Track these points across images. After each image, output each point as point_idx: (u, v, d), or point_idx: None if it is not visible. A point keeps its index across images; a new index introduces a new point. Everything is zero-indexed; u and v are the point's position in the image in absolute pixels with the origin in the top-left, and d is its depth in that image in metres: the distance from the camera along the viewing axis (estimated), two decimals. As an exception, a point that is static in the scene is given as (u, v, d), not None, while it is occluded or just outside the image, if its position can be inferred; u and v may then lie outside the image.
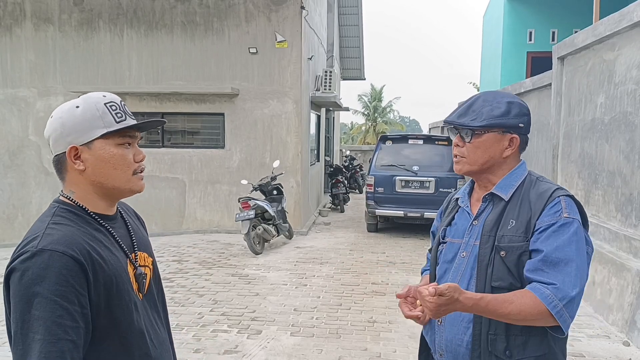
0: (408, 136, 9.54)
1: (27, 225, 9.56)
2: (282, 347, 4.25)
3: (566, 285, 1.33)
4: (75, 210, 1.26)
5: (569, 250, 1.37)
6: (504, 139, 1.52)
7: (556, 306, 1.32)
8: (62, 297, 1.10)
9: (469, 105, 1.56)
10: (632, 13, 4.96)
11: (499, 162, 1.54)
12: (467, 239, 1.56)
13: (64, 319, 1.09)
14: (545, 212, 1.44)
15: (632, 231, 4.98)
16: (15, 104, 9.54)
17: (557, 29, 12.74)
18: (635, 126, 4.97)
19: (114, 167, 1.26)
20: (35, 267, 1.10)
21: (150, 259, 1.44)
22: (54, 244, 1.13)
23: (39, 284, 1.09)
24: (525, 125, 1.54)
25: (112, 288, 1.21)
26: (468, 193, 1.66)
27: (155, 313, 1.40)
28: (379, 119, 37.02)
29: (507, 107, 1.51)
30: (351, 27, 16.77)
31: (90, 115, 1.24)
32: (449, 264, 1.59)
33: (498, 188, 1.54)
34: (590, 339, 4.43)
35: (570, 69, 6.80)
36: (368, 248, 8.13)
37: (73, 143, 1.24)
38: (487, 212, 1.55)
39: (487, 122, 1.49)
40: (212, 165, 9.45)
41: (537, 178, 1.55)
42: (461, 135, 1.55)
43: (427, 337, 1.64)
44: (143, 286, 1.35)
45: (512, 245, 1.44)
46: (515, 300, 1.34)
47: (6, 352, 4.17)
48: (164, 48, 9.30)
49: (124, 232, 1.37)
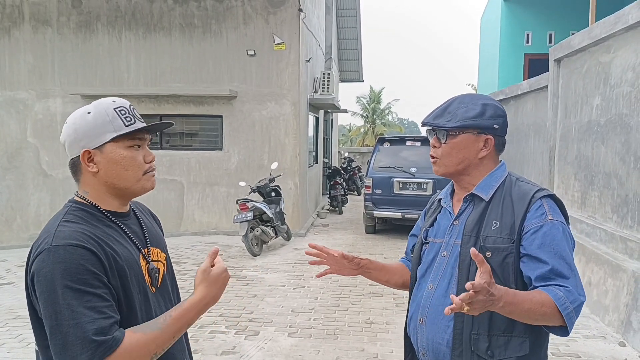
0: (406, 138, 9.56)
1: (26, 227, 9.58)
2: (279, 348, 4.27)
3: (578, 289, 1.38)
4: (88, 208, 1.33)
5: (567, 256, 1.41)
6: (478, 139, 1.54)
7: (567, 308, 1.35)
8: (86, 284, 1.16)
9: (445, 107, 1.58)
10: (627, 16, 5.00)
11: (474, 163, 1.56)
12: (447, 238, 1.58)
13: (93, 302, 1.15)
14: (530, 214, 1.46)
15: (628, 232, 5.01)
16: (14, 106, 9.55)
17: (554, 31, 12.80)
18: (631, 128, 5.01)
19: (125, 169, 1.33)
20: (53, 262, 1.16)
21: (164, 254, 1.50)
22: (66, 239, 1.19)
23: (60, 277, 1.15)
24: (500, 127, 1.56)
25: (125, 278, 1.27)
26: (450, 194, 1.68)
27: (170, 307, 1.43)
28: (377, 121, 37.06)
29: (481, 109, 1.53)
30: (349, 29, 16.82)
31: (101, 120, 1.31)
32: (430, 263, 1.61)
33: (478, 189, 1.56)
34: (586, 340, 4.45)
35: (566, 71, 6.84)
36: (366, 249, 8.15)
37: (86, 147, 1.31)
38: (468, 212, 1.56)
39: (461, 123, 1.52)
40: (211, 167, 9.46)
41: (517, 179, 1.57)
42: (437, 137, 1.58)
43: (411, 336, 1.65)
44: (156, 280, 1.41)
45: (498, 247, 1.46)
46: (537, 296, 1.36)
47: (4, 352, 4.18)
48: (162, 50, 9.33)
49: (137, 228, 1.44)
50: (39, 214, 9.60)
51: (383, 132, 33.55)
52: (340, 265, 1.71)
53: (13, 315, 5.08)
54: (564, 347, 4.26)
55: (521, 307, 1.32)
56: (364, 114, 37.30)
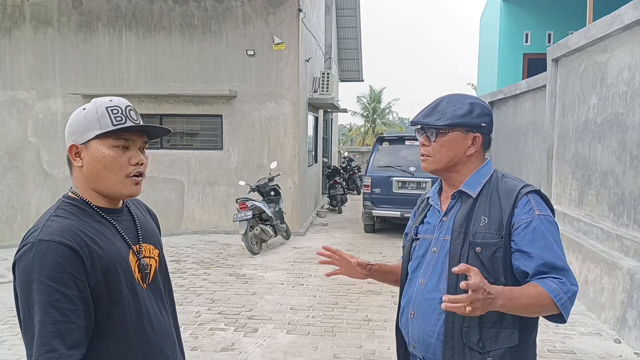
0: (405, 137, 9.60)
1: (27, 226, 9.61)
2: (278, 344, 4.31)
3: (571, 279, 1.45)
4: (79, 204, 1.35)
5: (558, 248, 1.47)
6: (467, 137, 1.59)
7: (561, 299, 1.41)
8: (59, 283, 1.18)
9: (434, 106, 1.63)
10: (623, 16, 5.03)
11: (463, 160, 1.61)
12: (437, 234, 1.62)
13: (60, 302, 1.17)
14: (517, 210, 1.51)
15: (624, 230, 5.05)
16: (15, 105, 9.60)
17: (553, 30, 12.83)
18: (627, 127, 5.04)
19: (104, 167, 1.33)
20: (34, 256, 1.19)
21: (157, 251, 1.51)
22: (51, 235, 1.22)
23: (38, 271, 1.18)
24: (487, 125, 1.61)
25: (110, 274, 1.28)
26: (438, 192, 1.73)
27: (160, 303, 1.46)
28: (377, 121, 37.08)
29: (469, 107, 1.59)
30: (349, 29, 16.85)
31: (90, 117, 1.33)
32: (420, 259, 1.65)
33: (466, 186, 1.61)
34: (582, 337, 4.49)
35: (564, 71, 6.87)
36: (365, 248, 8.19)
37: (74, 142, 1.34)
38: (456, 208, 1.61)
39: (450, 121, 1.57)
40: (210, 167, 9.51)
41: (502, 175, 1.62)
42: (427, 135, 1.63)
43: (402, 330, 1.70)
44: (147, 276, 1.42)
45: (487, 242, 1.51)
46: (532, 290, 1.42)
47: (5, 350, 4.22)
48: (162, 50, 9.37)
49: (130, 224, 1.44)
50: (40, 213, 9.56)
51: (383, 132, 33.55)
52: (352, 269, 1.80)
53: (14, 312, 5.11)
54: (559, 344, 4.30)
55: (520, 302, 1.38)
56: (364, 113, 37.30)
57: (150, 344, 1.37)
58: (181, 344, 1.57)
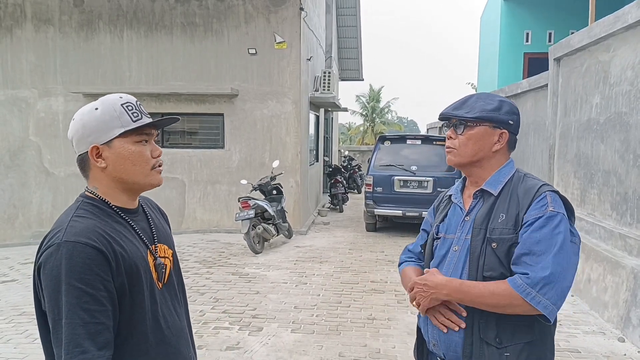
0: (406, 136, 9.61)
1: (28, 225, 9.62)
2: (283, 343, 4.32)
3: (537, 272, 1.42)
4: (98, 204, 1.34)
5: (548, 242, 1.45)
6: (494, 133, 1.61)
7: (529, 293, 1.40)
8: (87, 285, 1.18)
9: (463, 101, 1.66)
10: (626, 15, 5.04)
11: (488, 156, 1.63)
12: (459, 234, 1.64)
13: (90, 304, 1.18)
14: (532, 206, 1.52)
15: (627, 229, 5.06)
16: (16, 104, 9.59)
17: (553, 30, 12.85)
18: (630, 126, 5.06)
19: (132, 164, 1.34)
20: (61, 258, 1.19)
21: (171, 251, 1.51)
22: (77, 236, 1.21)
23: (66, 273, 1.18)
24: (514, 124, 1.63)
25: (132, 275, 1.29)
26: (460, 190, 1.74)
27: (176, 302, 1.47)
28: (377, 120, 37.08)
29: (498, 104, 1.62)
30: (349, 28, 16.86)
31: (109, 116, 1.32)
32: (442, 258, 1.67)
33: (488, 184, 1.63)
34: (586, 335, 4.50)
35: (566, 70, 6.88)
36: (367, 247, 8.20)
37: (94, 143, 1.32)
38: (478, 207, 1.63)
39: (479, 114, 1.59)
40: (212, 166, 9.51)
41: (524, 174, 1.64)
42: (454, 128, 1.64)
43: (422, 328, 1.72)
44: (162, 276, 1.43)
45: (503, 237, 1.52)
46: (490, 285, 1.46)
47: (11, 348, 4.22)
48: (164, 49, 9.36)
49: (145, 225, 1.45)
50: (41, 212, 9.65)
51: (382, 131, 33.55)
52: None
53: (19, 311, 5.13)
54: (563, 343, 4.31)
55: (469, 293, 1.47)
56: (363, 112, 37.30)
57: (167, 344, 1.38)
58: (193, 341, 1.58)
